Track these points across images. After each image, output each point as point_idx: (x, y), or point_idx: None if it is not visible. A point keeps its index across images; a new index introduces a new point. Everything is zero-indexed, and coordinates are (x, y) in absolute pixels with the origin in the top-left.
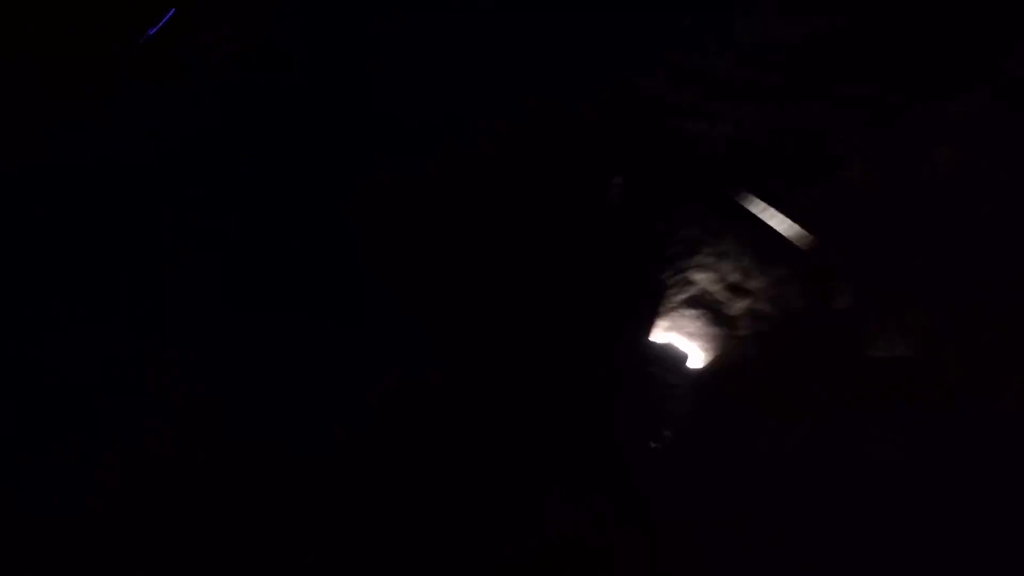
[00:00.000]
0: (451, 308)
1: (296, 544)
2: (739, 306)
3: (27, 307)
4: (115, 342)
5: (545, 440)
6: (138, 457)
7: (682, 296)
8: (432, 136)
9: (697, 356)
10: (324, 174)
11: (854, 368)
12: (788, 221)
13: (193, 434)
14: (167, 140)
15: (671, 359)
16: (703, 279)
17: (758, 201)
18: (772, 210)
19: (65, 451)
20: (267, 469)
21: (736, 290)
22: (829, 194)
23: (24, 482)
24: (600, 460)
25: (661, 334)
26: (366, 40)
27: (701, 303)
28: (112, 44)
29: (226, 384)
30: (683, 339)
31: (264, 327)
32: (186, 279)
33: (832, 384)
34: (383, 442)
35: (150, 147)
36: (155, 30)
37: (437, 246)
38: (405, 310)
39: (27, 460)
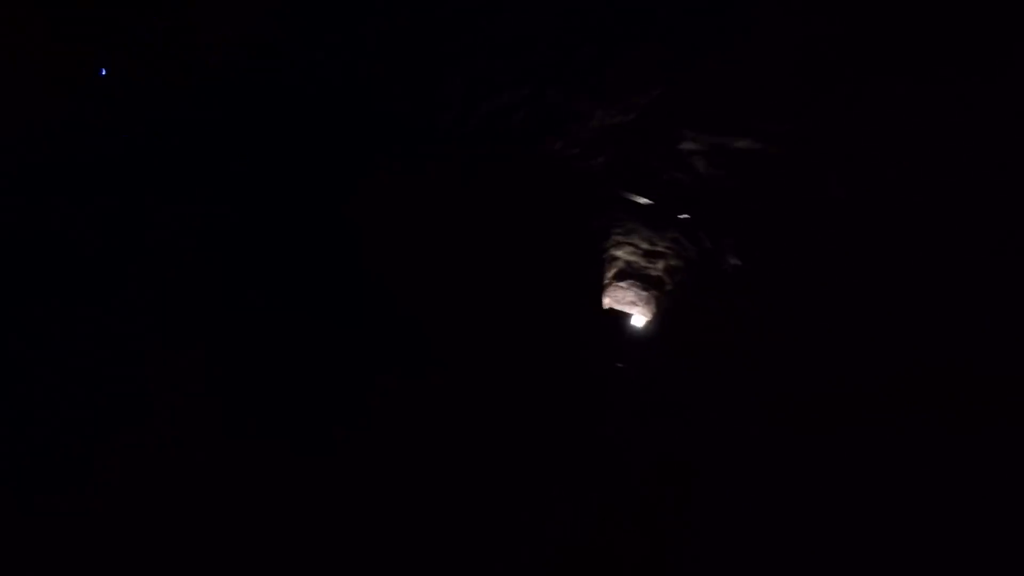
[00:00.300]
0: (451, 308)
1: (296, 544)
2: (659, 265)
3: (28, 307)
4: (115, 342)
5: (545, 439)
6: (138, 457)
7: (613, 270)
8: (432, 136)
9: (640, 320)
10: (324, 174)
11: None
12: (651, 201)
13: (193, 434)
14: (167, 140)
15: (624, 333)
16: (623, 253)
17: (634, 194)
18: (642, 197)
19: (65, 451)
20: (267, 469)
21: (651, 254)
22: (667, 186)
23: (24, 482)
24: (600, 460)
25: (613, 305)
26: (366, 40)
27: (629, 273)
28: (111, 44)
29: (226, 384)
30: (626, 308)
31: (264, 327)
32: (186, 279)
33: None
34: (383, 442)
35: (150, 147)
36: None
37: (437, 246)
38: (405, 310)
39: (27, 460)
